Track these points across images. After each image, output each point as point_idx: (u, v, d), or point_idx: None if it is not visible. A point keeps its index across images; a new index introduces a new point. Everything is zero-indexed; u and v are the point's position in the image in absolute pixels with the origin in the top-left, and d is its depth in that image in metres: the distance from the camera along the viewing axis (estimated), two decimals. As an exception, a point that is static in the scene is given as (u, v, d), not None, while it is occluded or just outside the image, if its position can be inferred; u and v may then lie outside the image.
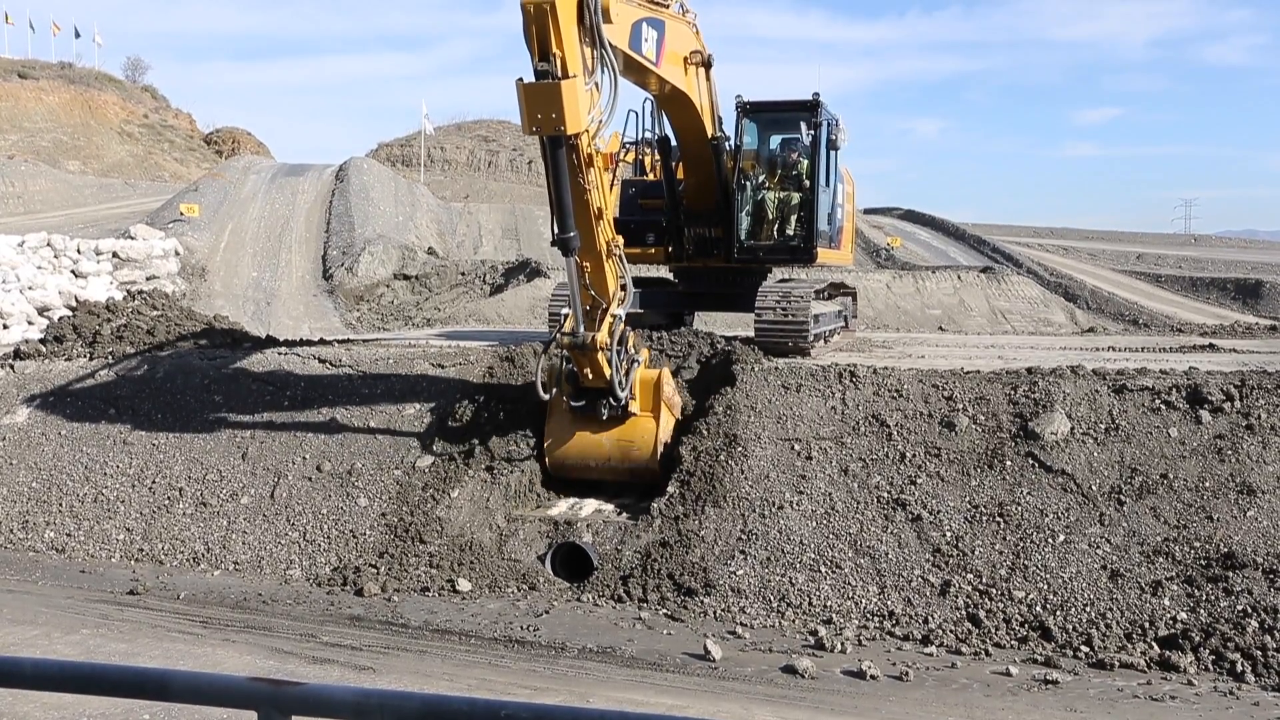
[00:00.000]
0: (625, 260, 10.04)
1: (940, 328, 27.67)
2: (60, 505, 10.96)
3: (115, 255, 27.27)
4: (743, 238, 13.44)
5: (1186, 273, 44.51)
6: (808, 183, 13.38)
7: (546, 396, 10.25)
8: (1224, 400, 9.63)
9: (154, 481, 10.98)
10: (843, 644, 8.07)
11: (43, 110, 67.36)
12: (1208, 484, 9.00)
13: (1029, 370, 10.67)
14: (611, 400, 10.17)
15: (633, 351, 10.29)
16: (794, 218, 13.50)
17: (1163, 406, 9.71)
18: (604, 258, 9.72)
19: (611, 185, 11.34)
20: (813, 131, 13.31)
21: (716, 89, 12.51)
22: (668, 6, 10.85)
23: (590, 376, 10.08)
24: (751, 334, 12.88)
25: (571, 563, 9.84)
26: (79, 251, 26.12)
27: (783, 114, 13.71)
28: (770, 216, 13.57)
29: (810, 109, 13.25)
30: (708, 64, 11.96)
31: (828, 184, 13.69)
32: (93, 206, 44.73)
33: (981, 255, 47.25)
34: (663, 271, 15.82)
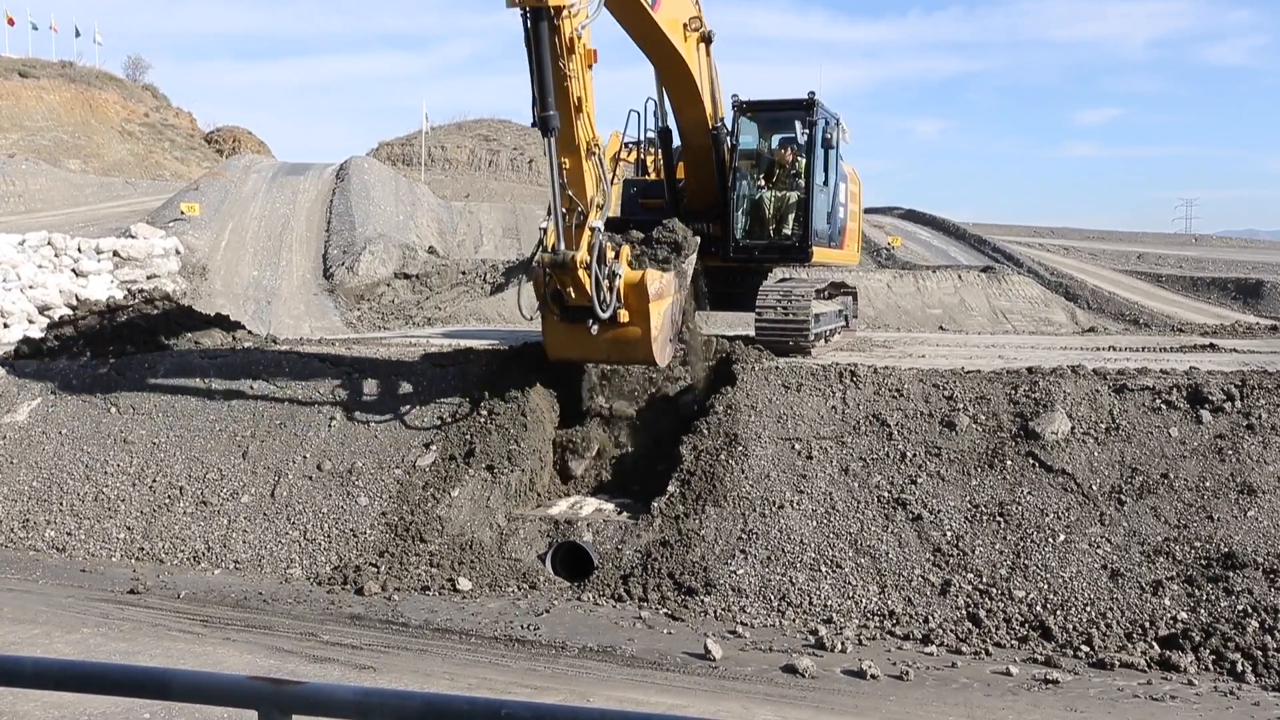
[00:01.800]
0: (605, 165, 10.06)
1: (941, 327, 27.67)
2: (61, 504, 10.96)
3: (116, 254, 27.29)
4: (739, 236, 13.42)
5: (1187, 273, 44.50)
6: (803, 182, 13.36)
7: (529, 316, 10.04)
8: (1224, 400, 9.62)
9: (154, 480, 10.99)
10: (843, 643, 8.07)
11: (43, 109, 67.37)
12: (1208, 484, 8.99)
13: (1029, 370, 10.66)
14: (598, 314, 10.13)
15: (613, 263, 10.19)
16: (790, 217, 13.46)
17: (1163, 406, 9.70)
18: (583, 156, 9.67)
19: (612, 182, 11.41)
20: (808, 130, 13.29)
21: (717, 73, 12.59)
22: None
23: (574, 295, 10.10)
24: (752, 333, 12.88)
25: (572, 562, 9.84)
26: (79, 250, 26.14)
27: (779, 113, 13.69)
28: (767, 215, 13.56)
29: (806, 108, 13.24)
30: (707, 39, 12.03)
31: (826, 183, 13.69)
32: (93, 205, 44.74)
33: (982, 255, 47.25)
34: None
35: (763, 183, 13.72)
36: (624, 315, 10.43)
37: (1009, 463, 9.47)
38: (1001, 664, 7.75)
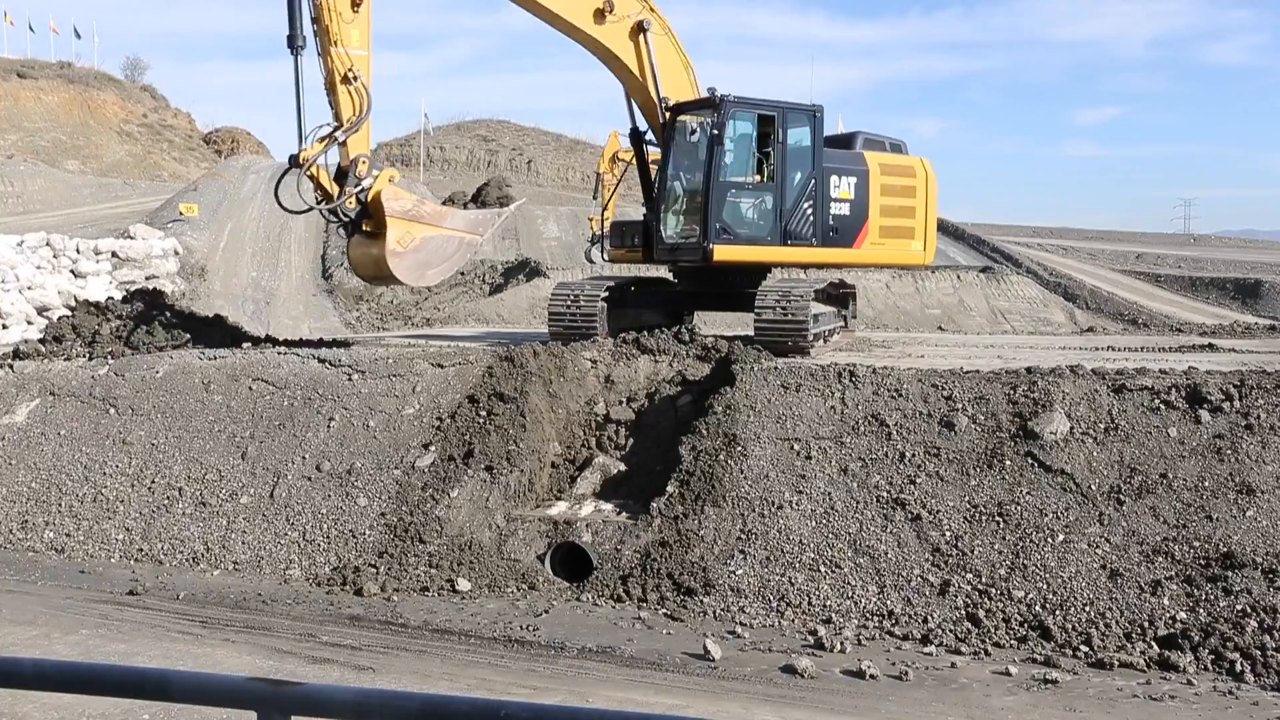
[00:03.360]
0: (366, 94, 11.71)
1: (940, 327, 27.67)
2: (59, 505, 10.95)
3: (114, 255, 27.25)
4: (665, 235, 13.51)
5: (1186, 272, 44.51)
6: (705, 181, 13.29)
7: (289, 209, 12.08)
8: (1223, 400, 9.63)
9: (153, 481, 10.98)
10: (842, 644, 8.07)
11: (42, 110, 67.33)
12: (1207, 484, 9.00)
13: (1028, 370, 10.67)
14: (340, 217, 12.06)
15: (361, 175, 11.79)
16: (696, 216, 13.53)
17: (1162, 406, 9.71)
18: (338, 82, 11.57)
19: (615, 188, 12.69)
20: (716, 130, 13.14)
21: (659, 62, 13.32)
22: None
23: (321, 196, 11.89)
24: (751, 333, 12.88)
25: (571, 562, 9.84)
26: (78, 251, 26.10)
27: (699, 113, 13.59)
28: (687, 216, 13.71)
29: (712, 106, 13.23)
30: (642, 27, 13.20)
31: (772, 179, 13.56)
32: (91, 206, 44.70)
33: (981, 255, 47.23)
34: (662, 272, 15.83)
35: (686, 182, 13.81)
36: (368, 225, 12.09)
37: (1008, 463, 9.47)
38: (1001, 664, 7.75)
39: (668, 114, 13.56)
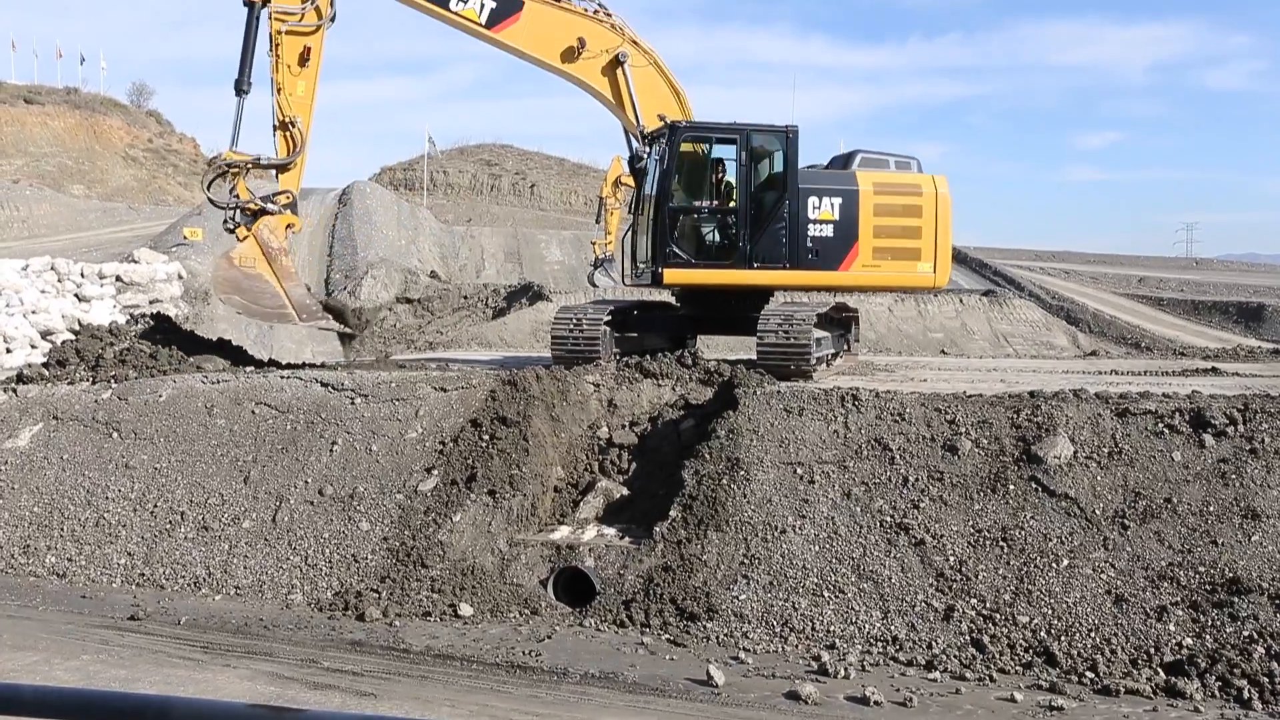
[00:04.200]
0: (303, 140, 13.41)
1: (942, 351, 27.67)
2: (62, 530, 10.93)
3: (118, 279, 27.32)
4: (636, 259, 14.14)
5: (1188, 296, 44.55)
6: (656, 206, 13.56)
7: (211, 199, 14.10)
8: (1227, 424, 9.60)
9: (155, 505, 10.96)
10: (846, 669, 8.02)
11: (48, 135, 67.75)
12: (1212, 508, 8.96)
13: (1031, 394, 10.65)
14: (232, 215, 13.85)
15: (275, 203, 13.69)
16: (647, 240, 13.87)
17: (1166, 430, 9.68)
18: (275, 126, 13.33)
19: (617, 211, 13.68)
20: (666, 156, 13.44)
21: (639, 92, 14.01)
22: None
23: (235, 196, 13.88)
24: (754, 357, 12.88)
25: (574, 587, 9.80)
26: (82, 275, 26.18)
27: (657, 141, 13.87)
28: (648, 240, 13.97)
29: (661, 136, 13.62)
30: (618, 60, 13.92)
31: (713, 201, 13.82)
32: (96, 230, 44.90)
33: (983, 279, 47.29)
34: (665, 295, 15.86)
35: (643, 208, 14.22)
36: (240, 236, 13.97)
37: (1011, 487, 9.45)
38: (1006, 690, 7.70)
39: (645, 142, 13.83)
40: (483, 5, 13.75)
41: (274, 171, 13.81)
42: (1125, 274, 54.14)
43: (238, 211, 13.76)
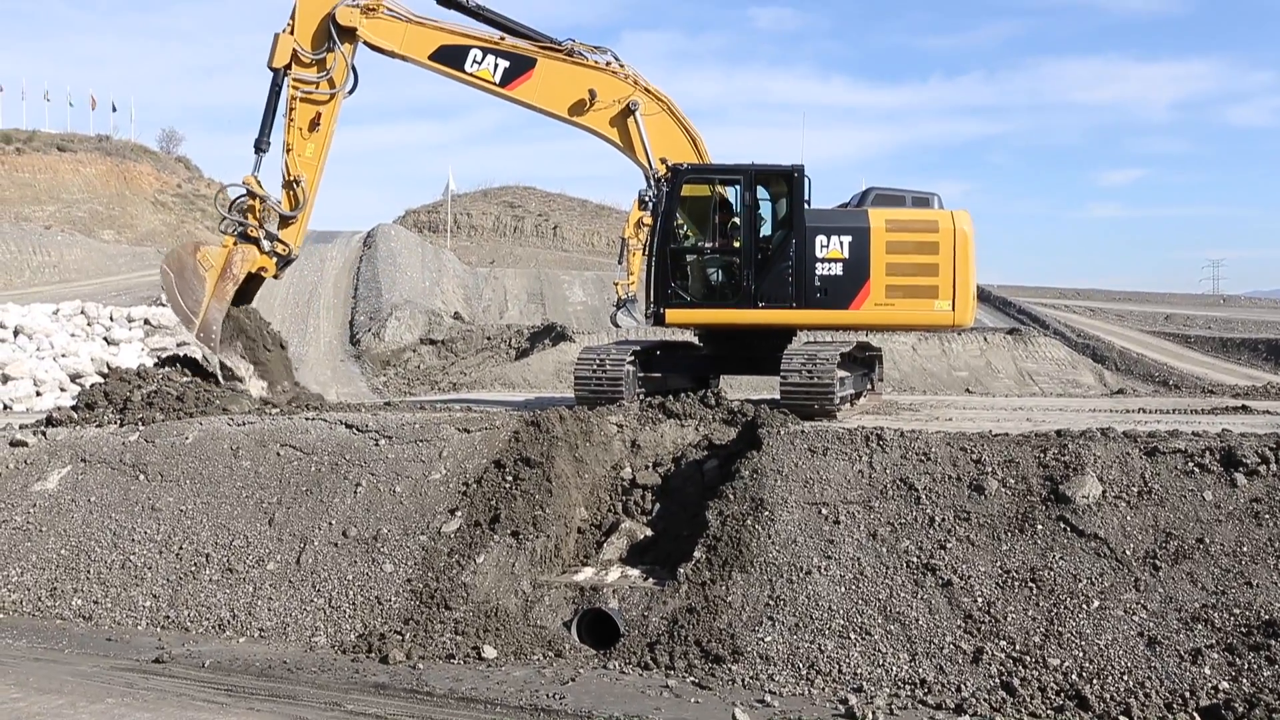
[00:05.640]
0: (306, 199, 14.74)
1: (967, 390, 27.52)
2: (88, 572, 10.99)
3: (146, 322, 27.65)
4: (650, 300, 14.19)
5: (1216, 333, 44.17)
6: (659, 247, 13.83)
7: (218, 208, 15.61)
8: (1259, 463, 9.47)
9: (181, 548, 11.01)
10: (874, 713, 7.92)
11: (80, 181, 68.95)
12: (1245, 549, 8.82)
13: (1058, 433, 10.56)
14: (232, 223, 14.94)
15: (274, 246, 14.90)
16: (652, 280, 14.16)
17: (1196, 469, 9.56)
18: (285, 183, 14.68)
19: (640, 252, 14.01)
20: (666, 198, 13.74)
21: (651, 138, 14.41)
22: (560, 52, 14.49)
23: (245, 214, 14.95)
24: (777, 397, 12.85)
25: (597, 629, 9.74)
26: (111, 319, 26.53)
27: (662, 184, 14.13)
28: (653, 281, 14.26)
29: (658, 180, 14.03)
30: (629, 110, 14.37)
31: (716, 241, 13.90)
32: (125, 275, 45.53)
33: (1008, 317, 47.10)
34: (688, 335, 15.88)
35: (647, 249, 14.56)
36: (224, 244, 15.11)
37: (1039, 527, 9.34)
38: (1037, 735, 7.56)
39: (656, 185, 14.05)
40: (496, 65, 14.48)
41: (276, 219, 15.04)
42: (1151, 311, 53.77)
43: (236, 225, 14.84)
